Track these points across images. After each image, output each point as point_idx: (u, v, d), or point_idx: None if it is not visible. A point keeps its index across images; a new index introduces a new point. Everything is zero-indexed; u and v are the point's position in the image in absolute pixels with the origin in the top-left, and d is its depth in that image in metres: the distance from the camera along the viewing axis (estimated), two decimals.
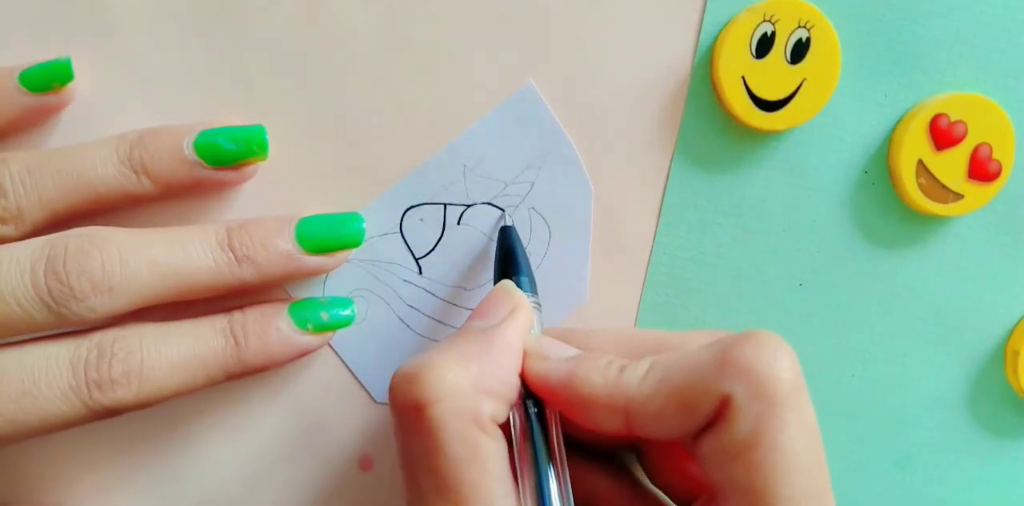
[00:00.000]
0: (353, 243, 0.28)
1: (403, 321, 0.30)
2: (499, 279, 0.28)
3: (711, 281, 0.32)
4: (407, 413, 0.23)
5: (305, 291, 0.29)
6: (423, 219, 0.30)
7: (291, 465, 0.30)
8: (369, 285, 0.30)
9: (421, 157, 0.30)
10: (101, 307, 0.24)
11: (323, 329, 0.28)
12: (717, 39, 0.30)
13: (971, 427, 0.34)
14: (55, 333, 0.25)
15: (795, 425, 0.22)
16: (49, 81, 0.27)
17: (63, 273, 0.24)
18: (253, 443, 0.30)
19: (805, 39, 0.30)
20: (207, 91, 0.28)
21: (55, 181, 0.26)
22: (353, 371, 0.30)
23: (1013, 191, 0.32)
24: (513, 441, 0.24)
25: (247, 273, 0.26)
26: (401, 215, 0.30)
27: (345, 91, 0.29)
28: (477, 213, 0.30)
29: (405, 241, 0.30)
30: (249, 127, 0.27)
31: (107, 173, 0.26)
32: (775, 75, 0.30)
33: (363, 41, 0.29)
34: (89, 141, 0.27)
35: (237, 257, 0.26)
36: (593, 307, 0.31)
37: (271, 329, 0.27)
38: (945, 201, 0.32)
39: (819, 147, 0.32)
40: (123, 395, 0.25)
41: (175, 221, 0.28)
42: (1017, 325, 0.34)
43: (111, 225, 0.26)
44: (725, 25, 0.30)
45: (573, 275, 0.31)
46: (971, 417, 0.34)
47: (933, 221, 0.33)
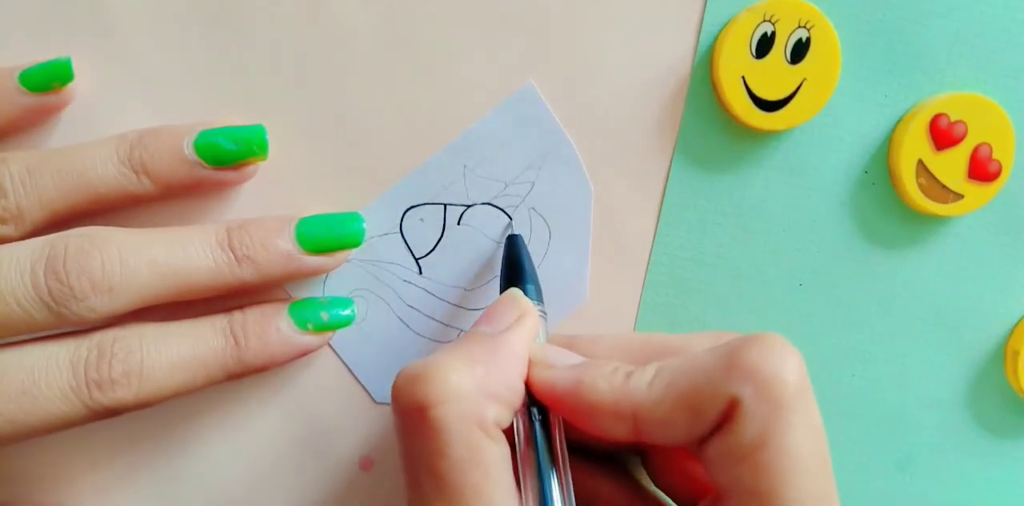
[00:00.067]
0: (353, 243, 0.28)
1: (403, 321, 0.30)
2: (506, 287, 0.28)
3: (711, 281, 0.32)
4: (410, 414, 0.23)
5: (305, 291, 0.29)
6: (423, 219, 0.30)
7: (291, 465, 0.30)
8: (369, 285, 0.30)
9: (421, 157, 0.30)
10: (101, 307, 0.24)
11: (323, 329, 0.28)
12: (717, 39, 0.30)
13: (971, 427, 0.34)
14: (55, 333, 0.25)
15: (801, 427, 0.22)
16: (49, 81, 0.27)
17: (63, 273, 0.24)
18: (253, 443, 0.30)
19: (805, 39, 0.30)
20: (207, 91, 0.28)
21: (55, 181, 0.26)
22: (353, 371, 0.30)
23: (1013, 191, 0.32)
24: (517, 447, 0.24)
25: (247, 273, 0.26)
26: (401, 215, 0.30)
27: (345, 91, 0.29)
28: (477, 213, 0.30)
29: (405, 241, 0.30)
30: (249, 127, 0.27)
31: (107, 173, 0.26)
32: (775, 75, 0.30)
33: (363, 41, 0.29)
34: (89, 141, 0.27)
35: (237, 257, 0.26)
36: (593, 307, 0.31)
37: (271, 329, 0.27)
38: (945, 201, 0.32)
39: (819, 147, 0.32)
40: (123, 395, 0.25)
41: (175, 221, 0.28)
42: (1017, 325, 0.34)
43: (111, 225, 0.26)
44: (725, 25, 0.30)
45: (573, 275, 0.31)
46: (971, 417, 0.34)
47: (933, 221, 0.33)
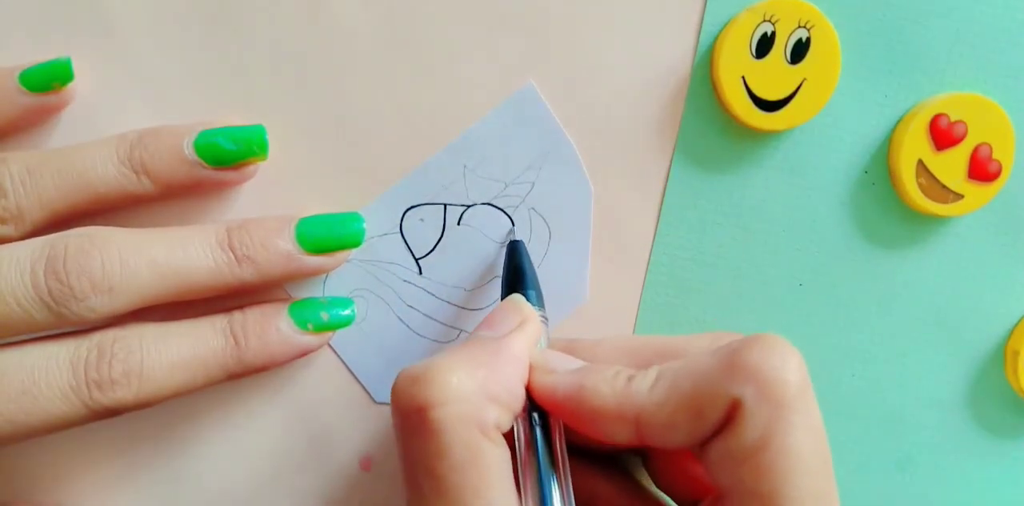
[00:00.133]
0: (353, 243, 0.28)
1: (403, 321, 0.30)
2: (507, 293, 0.28)
3: (711, 281, 0.32)
4: (410, 415, 0.23)
5: (305, 291, 0.29)
6: (423, 219, 0.30)
7: (291, 465, 0.30)
8: (369, 285, 0.30)
9: (421, 157, 0.30)
10: (101, 307, 0.24)
11: (323, 329, 0.28)
12: (717, 39, 0.30)
13: (971, 427, 0.34)
14: (55, 333, 0.25)
15: (802, 428, 0.22)
16: (49, 81, 0.27)
17: (63, 273, 0.24)
18: (253, 443, 0.30)
19: (805, 39, 0.30)
20: (207, 91, 0.28)
21: (55, 181, 0.26)
22: (353, 371, 0.30)
23: (1013, 191, 0.32)
24: (517, 452, 0.24)
25: (247, 273, 0.26)
26: (401, 215, 0.30)
27: (345, 91, 0.29)
28: (477, 213, 0.30)
29: (405, 241, 0.30)
30: (249, 127, 0.27)
31: (107, 173, 0.26)
32: (775, 75, 0.30)
33: (363, 41, 0.29)
34: (89, 141, 0.27)
35: (237, 257, 0.26)
36: (593, 307, 0.31)
37: (271, 329, 0.27)
38: (945, 201, 0.32)
39: (819, 147, 0.32)
40: (123, 395, 0.25)
41: (175, 221, 0.28)
42: (1017, 325, 0.34)
43: (111, 225, 0.26)
44: (725, 25, 0.30)
45: (573, 275, 0.31)
46: (971, 417, 0.34)
47: (933, 221, 0.33)
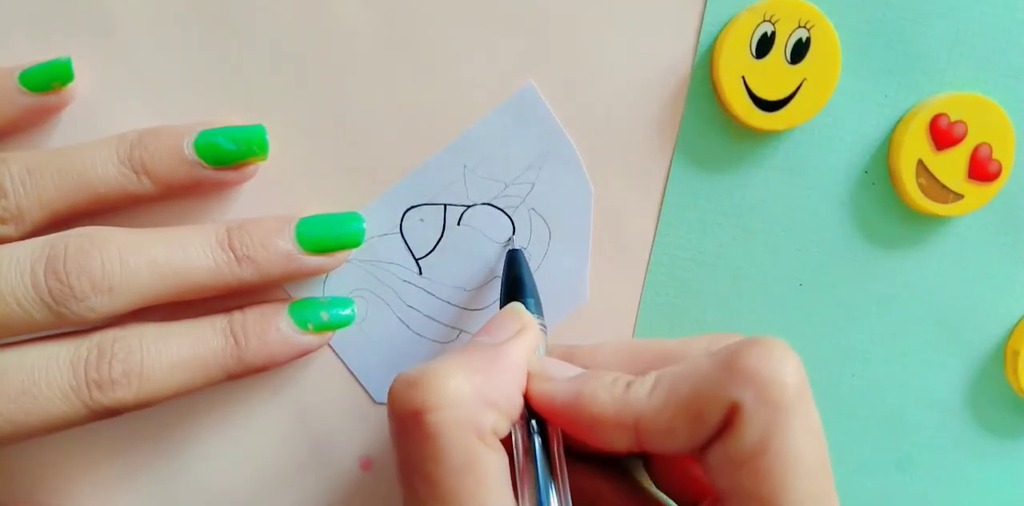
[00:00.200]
0: (353, 243, 0.28)
1: (403, 321, 0.30)
2: (507, 301, 0.28)
3: (711, 281, 0.32)
4: (406, 418, 0.23)
5: (305, 291, 0.29)
6: (423, 219, 0.30)
7: (291, 465, 0.30)
8: (369, 285, 0.30)
9: (421, 157, 0.30)
10: (101, 307, 0.24)
11: (323, 329, 0.28)
12: (717, 39, 0.30)
13: (971, 427, 0.34)
14: (55, 333, 0.25)
15: (801, 431, 0.22)
16: (49, 81, 0.27)
17: (63, 273, 0.24)
18: (252, 443, 0.30)
19: (805, 39, 0.30)
20: (207, 91, 0.28)
21: (55, 181, 0.26)
22: (353, 371, 0.30)
23: (1013, 191, 0.32)
24: (515, 459, 0.24)
25: (247, 273, 0.26)
26: (401, 215, 0.30)
27: (345, 91, 0.29)
28: (477, 214, 0.30)
29: (405, 241, 0.30)
30: (249, 127, 0.27)
31: (107, 173, 0.26)
32: (775, 75, 0.30)
33: (363, 41, 0.29)
34: (89, 141, 0.27)
35: (237, 257, 0.26)
36: (593, 307, 0.31)
37: (271, 329, 0.27)
38: (945, 201, 0.32)
39: (819, 147, 0.32)
40: (123, 395, 0.25)
41: (175, 221, 0.28)
42: (1017, 325, 0.34)
43: (111, 225, 0.26)
44: (725, 25, 0.30)
45: (573, 275, 0.31)
46: (971, 417, 0.34)
47: (933, 221, 0.33)
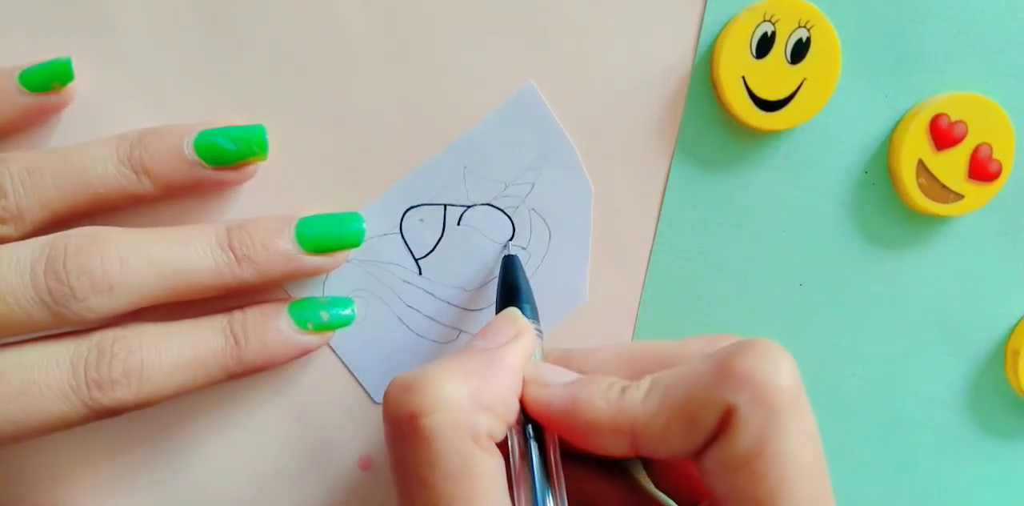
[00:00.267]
0: (353, 243, 0.28)
1: (402, 322, 0.30)
2: (503, 306, 0.28)
3: (711, 281, 0.32)
4: (401, 422, 0.23)
5: (305, 291, 0.29)
6: (423, 220, 0.30)
7: (291, 465, 0.30)
8: (369, 285, 0.30)
9: (421, 157, 0.30)
10: (101, 307, 0.24)
11: (323, 329, 0.28)
12: (717, 39, 0.30)
13: (971, 427, 0.34)
14: (55, 333, 0.25)
15: (797, 433, 0.22)
16: (49, 81, 0.26)
17: (63, 273, 0.24)
18: (252, 443, 0.30)
19: (805, 39, 0.30)
20: (207, 91, 0.28)
21: (55, 181, 0.26)
22: (352, 371, 0.30)
23: (1013, 191, 0.32)
24: (512, 465, 0.24)
25: (247, 273, 0.26)
26: (401, 215, 0.30)
27: (345, 91, 0.29)
28: (477, 214, 0.30)
29: (405, 241, 0.30)
30: (249, 127, 0.27)
31: (107, 173, 0.26)
32: (775, 75, 0.30)
33: (363, 41, 0.29)
34: (89, 141, 0.27)
35: (237, 257, 0.26)
36: (593, 307, 0.31)
37: (271, 329, 0.27)
38: (945, 201, 0.32)
39: (819, 147, 0.32)
40: (123, 395, 0.25)
41: (175, 221, 0.28)
42: (1017, 325, 0.34)
43: (111, 225, 0.26)
44: (725, 25, 0.30)
45: (573, 275, 0.31)
46: (971, 417, 0.34)
47: (933, 221, 0.33)
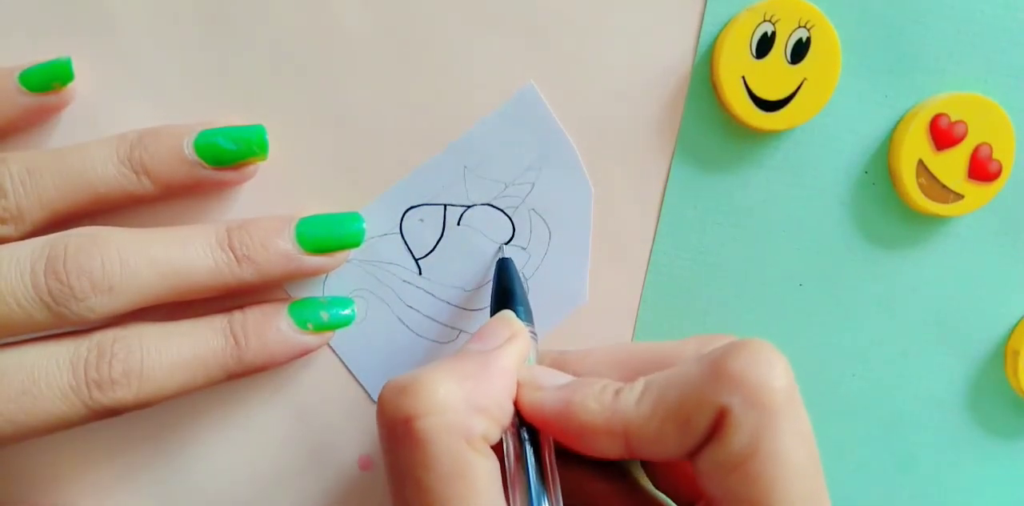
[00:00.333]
0: (353, 243, 0.28)
1: (402, 321, 0.30)
2: (496, 309, 0.28)
3: (711, 281, 0.32)
4: (396, 425, 0.23)
5: (305, 291, 0.29)
6: (423, 220, 0.30)
7: (290, 465, 0.30)
8: (369, 285, 0.30)
9: (421, 157, 0.30)
10: (101, 307, 0.24)
11: (323, 329, 0.28)
12: (717, 39, 0.30)
13: (971, 427, 0.34)
14: (55, 333, 0.25)
15: (791, 433, 0.22)
16: (49, 81, 0.27)
17: (63, 273, 0.24)
18: (252, 443, 0.30)
19: (805, 39, 0.30)
20: (207, 91, 0.28)
21: (55, 181, 0.26)
22: (352, 371, 0.30)
23: (1013, 191, 0.32)
24: (507, 468, 0.24)
25: (247, 273, 0.26)
26: (401, 215, 0.30)
27: (345, 91, 0.29)
28: (477, 214, 0.30)
29: (405, 242, 0.30)
30: (249, 127, 0.27)
31: (107, 173, 0.26)
32: (775, 75, 0.30)
33: (363, 41, 0.29)
34: (89, 141, 0.27)
35: (237, 257, 0.26)
36: (593, 307, 0.31)
37: (271, 329, 0.27)
38: (945, 201, 0.32)
39: (819, 147, 0.32)
40: (123, 395, 0.25)
41: (175, 221, 0.28)
42: (1017, 325, 0.34)
43: (111, 225, 0.26)
44: (725, 25, 0.30)
45: (573, 275, 0.31)
46: (971, 417, 0.34)
47: (933, 221, 0.33)
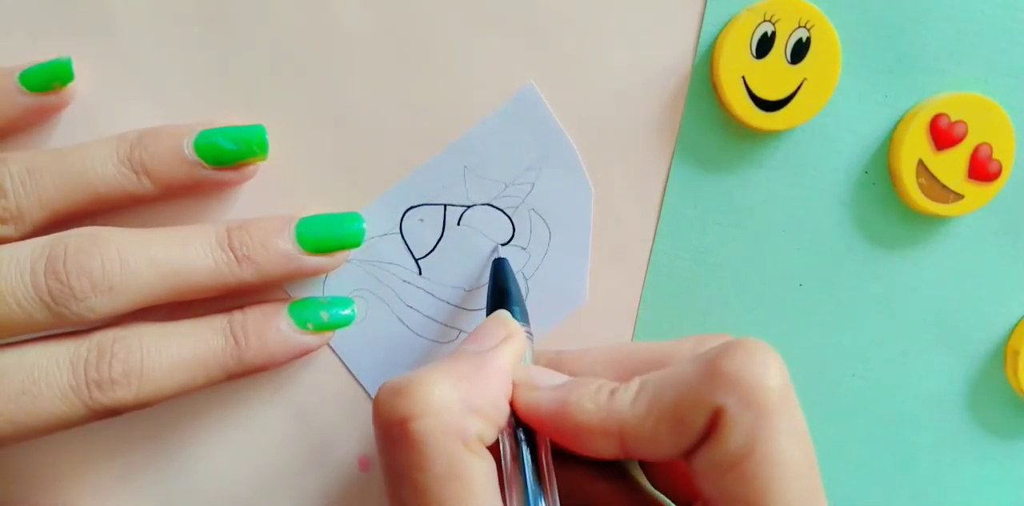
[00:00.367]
0: (353, 243, 0.28)
1: (402, 321, 0.30)
2: (492, 309, 0.28)
3: (711, 281, 0.32)
4: (391, 426, 0.23)
5: (305, 291, 0.29)
6: (423, 220, 0.30)
7: (290, 465, 0.30)
8: (369, 285, 0.30)
9: (421, 157, 0.30)
10: (101, 307, 0.24)
11: (323, 329, 0.28)
12: (717, 39, 0.30)
13: (971, 427, 0.34)
14: (55, 333, 0.25)
15: (786, 433, 0.22)
16: (49, 81, 0.27)
17: (63, 273, 0.24)
18: (252, 443, 0.30)
19: (805, 39, 0.30)
20: (207, 91, 0.28)
21: (55, 181, 0.26)
22: (352, 371, 0.30)
23: (1013, 191, 0.32)
24: (504, 468, 0.24)
25: (247, 273, 0.26)
26: (401, 215, 0.30)
27: (345, 91, 0.29)
28: (477, 214, 0.30)
29: (405, 242, 0.30)
30: (249, 127, 0.27)
31: (107, 173, 0.26)
32: (775, 75, 0.30)
33: (363, 41, 0.29)
34: (89, 141, 0.27)
35: (237, 257, 0.26)
36: (593, 307, 0.31)
37: (271, 329, 0.27)
38: (945, 201, 0.32)
39: (819, 147, 0.32)
40: (123, 395, 0.25)
41: (175, 221, 0.28)
42: (1017, 325, 0.34)
43: (111, 225, 0.26)
44: (725, 25, 0.30)
45: (573, 275, 0.31)
46: (971, 417, 0.34)
47: (933, 221, 0.33)
